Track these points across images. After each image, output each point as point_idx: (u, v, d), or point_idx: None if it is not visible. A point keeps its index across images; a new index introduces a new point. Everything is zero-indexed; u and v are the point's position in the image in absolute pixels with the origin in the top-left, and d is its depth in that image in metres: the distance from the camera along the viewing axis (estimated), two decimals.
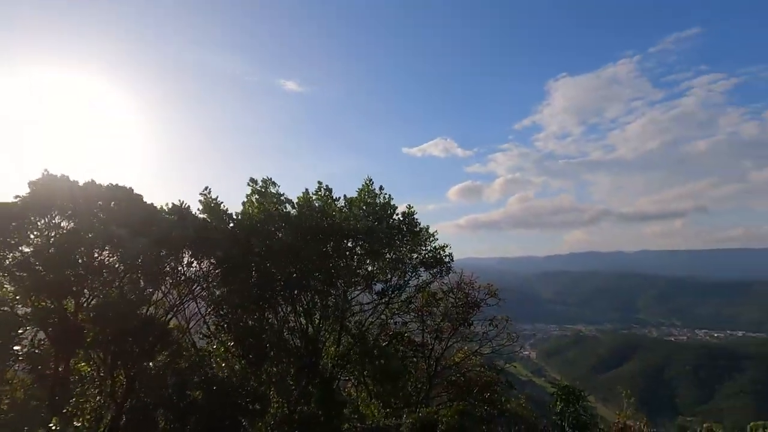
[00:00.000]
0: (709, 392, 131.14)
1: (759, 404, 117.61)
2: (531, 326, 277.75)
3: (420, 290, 12.85)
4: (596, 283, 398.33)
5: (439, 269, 12.93)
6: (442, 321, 13.50)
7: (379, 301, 12.27)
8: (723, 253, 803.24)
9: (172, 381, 10.28)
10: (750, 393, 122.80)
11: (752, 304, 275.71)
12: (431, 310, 13.57)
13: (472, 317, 13.49)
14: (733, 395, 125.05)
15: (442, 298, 13.39)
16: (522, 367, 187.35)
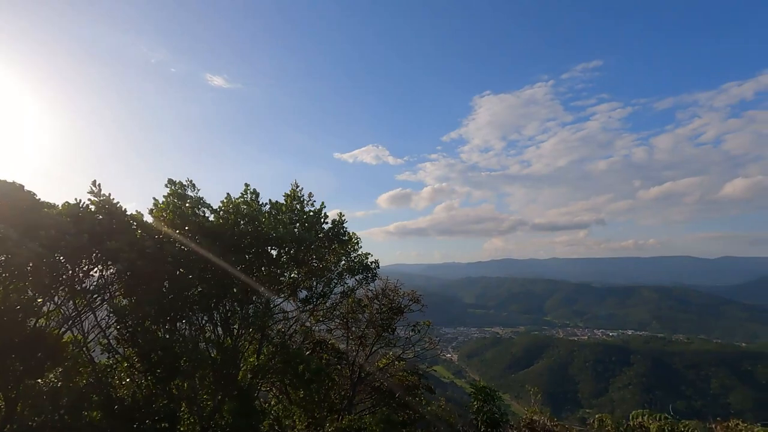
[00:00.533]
0: (605, 385, 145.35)
1: (643, 394, 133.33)
2: (454, 330, 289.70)
3: (345, 297, 12.74)
4: (512, 288, 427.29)
5: (365, 276, 12.91)
6: (367, 327, 13.52)
7: (303, 308, 11.94)
8: (617, 261, 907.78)
9: (66, 401, 9.08)
10: (636, 384, 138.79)
11: (639, 306, 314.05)
12: (356, 317, 13.55)
13: (395, 323, 13.69)
14: (623, 387, 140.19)
15: (367, 305, 13.41)
16: (445, 369, 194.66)
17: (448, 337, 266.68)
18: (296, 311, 11.85)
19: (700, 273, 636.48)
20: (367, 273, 12.71)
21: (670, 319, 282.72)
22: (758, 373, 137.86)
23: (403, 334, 14.02)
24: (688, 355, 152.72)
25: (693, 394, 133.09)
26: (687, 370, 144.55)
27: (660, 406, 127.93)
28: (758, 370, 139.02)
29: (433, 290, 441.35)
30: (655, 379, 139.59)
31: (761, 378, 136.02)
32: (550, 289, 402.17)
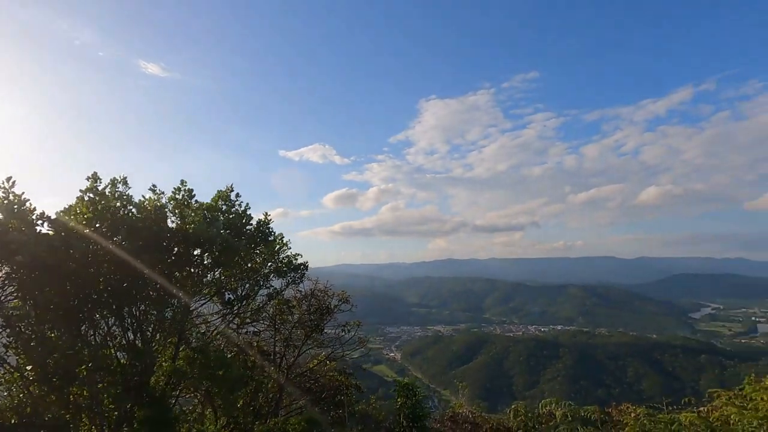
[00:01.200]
0: (537, 378, 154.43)
1: (570, 384, 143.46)
2: (397, 329, 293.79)
3: (272, 298, 12.35)
4: (454, 287, 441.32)
5: (293, 277, 12.64)
6: (294, 328, 13.25)
7: (226, 311, 11.44)
8: (549, 260, 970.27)
9: None
10: (564, 376, 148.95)
11: (568, 303, 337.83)
12: (285, 318, 13.23)
13: (325, 324, 13.57)
14: (552, 379, 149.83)
15: (295, 306, 13.15)
16: (388, 368, 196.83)
17: (391, 337, 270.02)
18: (219, 314, 11.32)
19: (620, 272, 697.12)
20: (295, 274, 12.44)
21: (594, 314, 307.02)
22: (666, 362, 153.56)
23: (334, 334, 13.91)
24: (609, 347, 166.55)
25: (612, 383, 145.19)
26: (608, 361, 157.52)
27: (584, 394, 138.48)
28: (666, 358, 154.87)
29: (378, 290, 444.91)
30: (581, 370, 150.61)
31: (668, 366, 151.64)
32: (489, 288, 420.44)
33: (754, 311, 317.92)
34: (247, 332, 12.83)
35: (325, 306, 13.28)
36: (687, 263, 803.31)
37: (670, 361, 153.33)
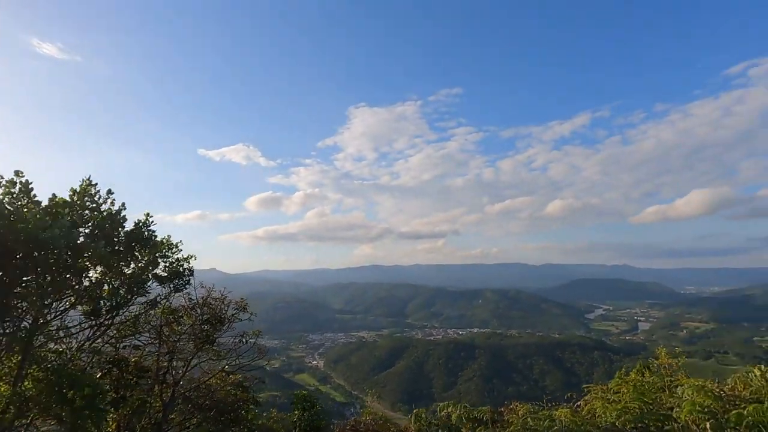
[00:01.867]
0: (455, 379, 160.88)
1: (484, 383, 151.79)
2: (321, 336, 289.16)
3: (151, 307, 10.85)
4: (378, 293, 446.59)
5: (177, 284, 11.27)
6: (179, 341, 11.90)
7: (93, 322, 9.80)
8: (468, 267, 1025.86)
9: None
10: (479, 376, 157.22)
11: (484, 307, 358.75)
12: (173, 329, 11.83)
13: (219, 334, 12.42)
14: (468, 379, 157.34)
15: (183, 316, 11.82)
16: (310, 376, 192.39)
17: (314, 344, 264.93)
18: (88, 326, 9.66)
19: (529, 277, 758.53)
20: (180, 281, 11.11)
21: (507, 317, 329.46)
22: (565, 359, 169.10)
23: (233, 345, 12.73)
24: (518, 347, 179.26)
25: (521, 381, 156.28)
26: (517, 360, 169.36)
27: (496, 392, 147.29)
28: (566, 356, 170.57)
29: (302, 297, 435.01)
30: (494, 370, 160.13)
31: (567, 362, 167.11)
32: (412, 294, 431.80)
33: (636, 311, 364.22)
34: (126, 347, 11.20)
35: (218, 315, 12.11)
36: (584, 269, 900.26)
37: (569, 358, 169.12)
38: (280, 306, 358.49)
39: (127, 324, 10.48)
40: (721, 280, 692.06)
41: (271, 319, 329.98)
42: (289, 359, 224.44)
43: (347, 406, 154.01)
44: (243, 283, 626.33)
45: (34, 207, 8.29)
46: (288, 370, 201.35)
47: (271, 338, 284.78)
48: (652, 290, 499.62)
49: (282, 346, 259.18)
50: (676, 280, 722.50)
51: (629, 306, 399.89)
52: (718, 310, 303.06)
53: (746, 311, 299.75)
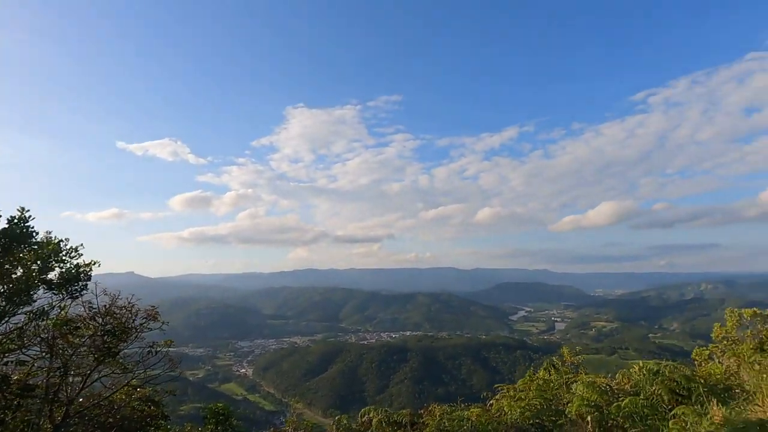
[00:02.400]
0: (387, 382, 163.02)
1: (415, 385, 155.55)
2: (251, 343, 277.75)
3: (39, 317, 9.58)
4: (312, 297, 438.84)
5: (71, 291, 10.14)
6: (75, 354, 10.67)
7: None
8: (402, 271, 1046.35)
9: None
10: (410, 378, 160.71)
11: (416, 310, 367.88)
12: (70, 342, 10.59)
13: (125, 346, 11.40)
14: (400, 382, 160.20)
15: (81, 327, 10.62)
16: (237, 386, 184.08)
17: (243, 351, 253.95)
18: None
19: (460, 281, 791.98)
20: (72, 286, 10.03)
21: (438, 319, 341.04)
22: (491, 358, 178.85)
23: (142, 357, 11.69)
24: (448, 349, 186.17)
25: (450, 381, 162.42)
26: (446, 361, 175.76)
27: (426, 393, 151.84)
28: (491, 356, 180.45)
29: (231, 302, 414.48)
30: (425, 372, 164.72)
31: (492, 362, 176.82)
32: (347, 298, 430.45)
33: (553, 313, 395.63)
34: (9, 363, 9.80)
35: (123, 326, 11.12)
36: (508, 273, 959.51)
37: (494, 358, 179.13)
38: (206, 312, 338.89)
39: (11, 337, 9.29)
40: (624, 283, 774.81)
41: (196, 326, 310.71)
42: (215, 368, 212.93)
43: (276, 415, 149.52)
44: (165, 287, 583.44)
45: None
46: (213, 379, 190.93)
47: (195, 346, 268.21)
48: (567, 293, 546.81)
49: (208, 354, 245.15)
50: (588, 283, 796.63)
51: (548, 308, 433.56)
52: (621, 310, 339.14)
53: (643, 311, 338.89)
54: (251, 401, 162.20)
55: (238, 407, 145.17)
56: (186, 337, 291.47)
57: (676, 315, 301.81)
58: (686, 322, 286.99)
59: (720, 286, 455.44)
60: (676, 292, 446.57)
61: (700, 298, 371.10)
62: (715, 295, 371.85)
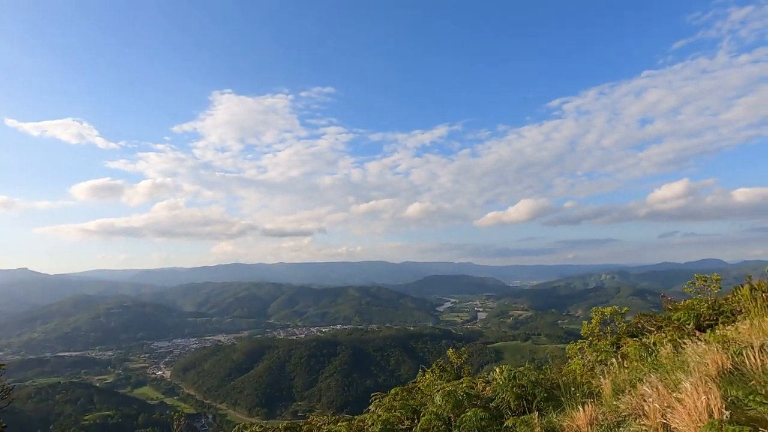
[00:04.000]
0: (316, 377, 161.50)
1: (344, 379, 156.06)
2: (169, 343, 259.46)
3: None
4: (238, 292, 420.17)
5: None
6: None
7: None
8: (333, 265, 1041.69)
9: None
10: (340, 372, 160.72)
11: (347, 304, 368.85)
12: None
13: None
14: (329, 376, 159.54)
15: None
16: (153, 389, 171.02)
17: (160, 353, 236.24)
18: None
19: (390, 274, 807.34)
20: None
21: (368, 312, 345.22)
22: (418, 349, 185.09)
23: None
24: (378, 340, 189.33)
25: (379, 372, 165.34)
26: (376, 353, 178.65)
27: (356, 386, 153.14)
28: (418, 346, 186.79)
29: (146, 299, 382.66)
30: (355, 365, 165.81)
31: (420, 352, 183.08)
32: (275, 293, 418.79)
33: (476, 303, 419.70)
34: None
35: None
36: (436, 267, 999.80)
37: (421, 348, 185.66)
38: (117, 311, 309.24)
39: None
40: (538, 275, 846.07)
41: (105, 327, 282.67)
42: (127, 372, 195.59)
43: (197, 418, 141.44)
44: (67, 285, 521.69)
45: None
46: (125, 384, 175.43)
47: (103, 349, 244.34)
48: (489, 284, 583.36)
49: (118, 357, 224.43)
50: (507, 275, 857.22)
51: (471, 299, 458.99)
52: (534, 300, 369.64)
53: (554, 300, 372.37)
54: (169, 404, 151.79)
55: (154, 412, 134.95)
56: (92, 339, 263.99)
57: (581, 302, 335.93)
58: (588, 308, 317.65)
59: (616, 276, 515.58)
60: (581, 282, 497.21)
61: (600, 287, 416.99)
62: (612, 285, 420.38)
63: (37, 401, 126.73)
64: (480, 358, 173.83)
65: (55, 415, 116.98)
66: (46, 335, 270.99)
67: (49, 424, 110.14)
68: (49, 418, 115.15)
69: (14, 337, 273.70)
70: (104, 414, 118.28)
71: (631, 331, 11.59)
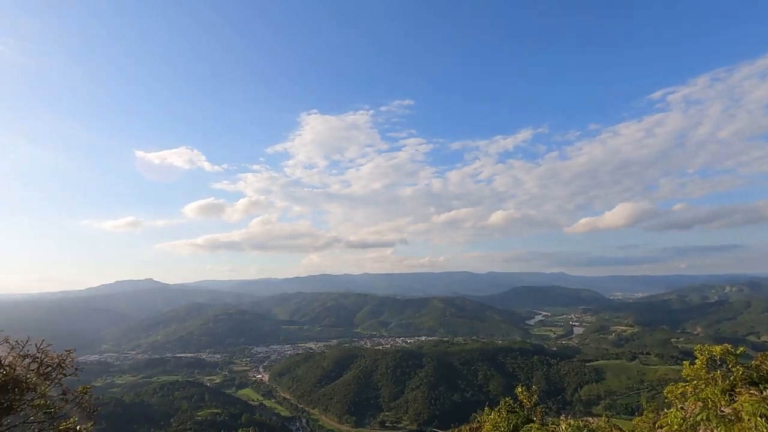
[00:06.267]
0: (402, 388, 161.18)
1: (430, 391, 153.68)
2: (267, 348, 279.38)
3: None
4: (326, 302, 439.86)
5: None
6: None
7: None
8: (415, 275, 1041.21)
9: None
10: (426, 384, 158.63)
11: (431, 315, 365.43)
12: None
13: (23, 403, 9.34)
14: (415, 388, 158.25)
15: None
16: (254, 391, 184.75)
17: (259, 357, 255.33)
18: None
19: (473, 285, 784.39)
20: None
21: (453, 324, 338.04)
22: (507, 364, 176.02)
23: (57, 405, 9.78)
24: (464, 354, 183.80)
25: (466, 387, 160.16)
26: (462, 367, 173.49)
27: (442, 400, 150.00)
28: (507, 361, 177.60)
29: (246, 307, 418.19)
30: (441, 378, 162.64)
31: (509, 367, 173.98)
32: (361, 303, 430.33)
33: (571, 317, 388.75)
34: None
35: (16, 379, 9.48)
36: (523, 277, 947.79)
37: (511, 363, 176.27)
38: (223, 318, 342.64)
39: None
40: (642, 286, 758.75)
41: (213, 332, 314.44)
42: (232, 373, 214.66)
43: (293, 421, 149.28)
44: (183, 293, 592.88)
45: None
46: (230, 385, 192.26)
47: (212, 352, 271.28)
48: (585, 296, 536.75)
49: (224, 360, 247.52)
50: (605, 286, 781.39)
51: (565, 312, 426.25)
52: (640, 314, 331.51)
53: (664, 315, 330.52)
54: (267, 407, 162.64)
55: (255, 413, 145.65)
56: (203, 342, 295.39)
57: (699, 318, 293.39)
58: (710, 325, 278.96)
59: (745, 288, 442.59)
60: (698, 295, 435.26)
61: (724, 300, 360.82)
62: (740, 298, 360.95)
63: (161, 396, 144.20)
64: (578, 378, 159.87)
65: (174, 410, 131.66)
66: (167, 338, 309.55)
67: (170, 417, 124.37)
68: (170, 411, 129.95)
69: (143, 338, 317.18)
70: (214, 411, 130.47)
71: (750, 376, 8.88)
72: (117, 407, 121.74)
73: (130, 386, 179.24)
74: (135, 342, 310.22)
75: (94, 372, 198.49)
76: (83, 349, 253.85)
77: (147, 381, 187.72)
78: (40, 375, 9.50)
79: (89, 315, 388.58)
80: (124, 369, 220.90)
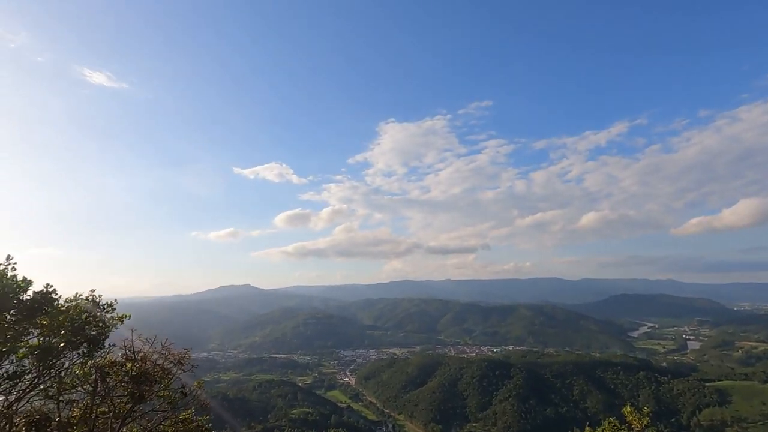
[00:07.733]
0: (489, 399, 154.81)
1: (520, 404, 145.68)
2: (352, 352, 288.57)
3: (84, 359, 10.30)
4: (408, 308, 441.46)
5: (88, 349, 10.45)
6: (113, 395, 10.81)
7: None
8: (500, 282, 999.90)
9: None
10: (515, 396, 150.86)
11: (517, 323, 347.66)
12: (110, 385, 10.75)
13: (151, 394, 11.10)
14: (504, 400, 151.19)
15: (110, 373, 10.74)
16: (342, 393, 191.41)
17: (346, 360, 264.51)
18: None
19: (565, 292, 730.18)
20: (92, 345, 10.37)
21: (542, 333, 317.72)
22: (607, 379, 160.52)
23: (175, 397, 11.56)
24: (556, 366, 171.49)
25: (560, 401, 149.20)
26: (555, 380, 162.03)
27: (534, 414, 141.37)
28: (608, 376, 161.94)
29: (333, 312, 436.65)
30: (531, 390, 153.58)
31: (610, 383, 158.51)
32: (443, 309, 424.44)
33: (684, 329, 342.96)
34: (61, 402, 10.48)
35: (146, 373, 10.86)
36: (624, 284, 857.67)
37: (612, 379, 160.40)
38: (312, 321, 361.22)
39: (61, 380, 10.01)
40: None
41: (303, 335, 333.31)
42: (321, 375, 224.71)
43: (379, 425, 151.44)
44: (277, 298, 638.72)
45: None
46: (320, 386, 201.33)
47: (303, 354, 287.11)
48: (700, 306, 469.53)
49: (314, 361, 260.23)
50: (727, 295, 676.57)
51: (676, 323, 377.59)
52: None
53: None
54: (354, 410, 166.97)
55: (343, 415, 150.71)
56: (295, 344, 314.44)
57: None
58: None
59: None
60: None
61: None
62: None
63: (259, 393, 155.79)
64: (695, 399, 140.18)
65: (270, 406, 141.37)
66: (263, 339, 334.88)
67: (267, 413, 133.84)
68: (267, 408, 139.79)
69: (242, 339, 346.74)
70: (306, 411, 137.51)
71: None
72: (223, 401, 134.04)
73: (233, 382, 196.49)
74: (236, 342, 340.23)
75: (203, 368, 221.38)
76: (195, 346, 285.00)
77: (247, 378, 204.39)
78: (165, 369, 11.25)
79: (198, 316, 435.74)
80: (228, 366, 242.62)
